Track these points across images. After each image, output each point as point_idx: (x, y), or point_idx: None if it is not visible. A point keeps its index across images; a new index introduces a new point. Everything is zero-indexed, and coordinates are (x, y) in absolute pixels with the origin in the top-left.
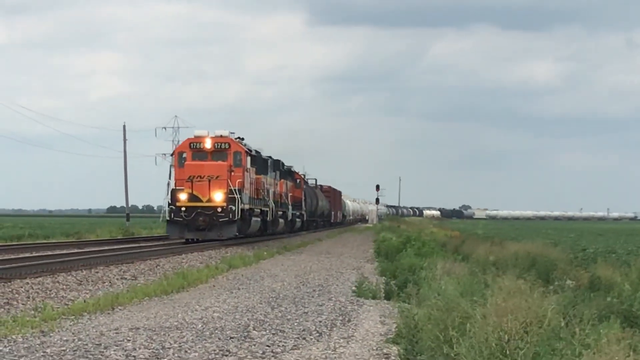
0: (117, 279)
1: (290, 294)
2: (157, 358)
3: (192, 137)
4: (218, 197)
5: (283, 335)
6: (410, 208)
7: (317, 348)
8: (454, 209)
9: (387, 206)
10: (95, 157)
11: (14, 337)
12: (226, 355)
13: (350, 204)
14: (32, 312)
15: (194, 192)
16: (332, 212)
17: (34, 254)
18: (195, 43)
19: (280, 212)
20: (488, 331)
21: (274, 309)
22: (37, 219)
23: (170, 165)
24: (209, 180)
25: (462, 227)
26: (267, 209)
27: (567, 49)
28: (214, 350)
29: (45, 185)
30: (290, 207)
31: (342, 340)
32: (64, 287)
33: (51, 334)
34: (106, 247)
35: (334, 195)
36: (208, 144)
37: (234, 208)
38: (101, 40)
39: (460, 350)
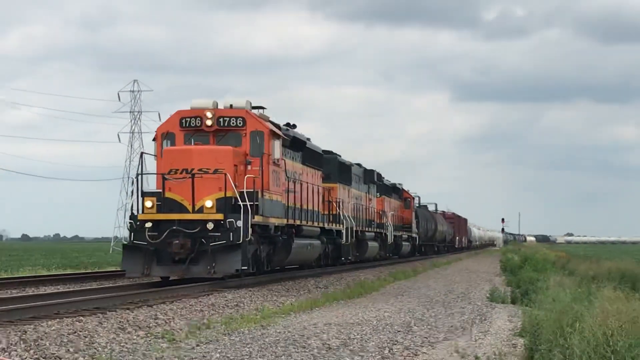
0: (314, 288)
1: (440, 299)
2: (346, 345)
3: (188, 109)
4: (207, 203)
5: (436, 329)
6: (521, 235)
7: (462, 340)
8: (543, 235)
9: (507, 233)
10: None
11: (242, 330)
12: (395, 344)
13: (476, 231)
14: (255, 311)
15: (169, 196)
16: (457, 238)
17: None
18: (368, 115)
19: (371, 233)
20: (596, 327)
21: (429, 310)
22: None
23: (143, 153)
24: (193, 177)
25: (567, 249)
26: (340, 228)
27: None
28: (386, 340)
29: None
30: (391, 227)
31: (480, 334)
32: (277, 294)
33: (268, 328)
34: None
35: (458, 222)
36: (209, 120)
37: (238, 223)
38: (302, 115)
39: (573, 342)
